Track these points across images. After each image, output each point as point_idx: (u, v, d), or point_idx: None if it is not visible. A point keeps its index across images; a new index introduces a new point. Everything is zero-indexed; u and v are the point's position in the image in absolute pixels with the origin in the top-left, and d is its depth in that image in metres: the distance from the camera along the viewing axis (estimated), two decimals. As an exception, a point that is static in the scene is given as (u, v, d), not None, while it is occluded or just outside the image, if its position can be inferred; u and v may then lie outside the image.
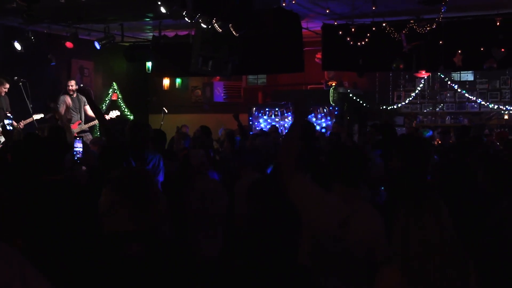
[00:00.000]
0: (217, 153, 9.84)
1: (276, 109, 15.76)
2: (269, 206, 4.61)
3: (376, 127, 11.51)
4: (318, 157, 7.15)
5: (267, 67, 13.68)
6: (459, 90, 16.15)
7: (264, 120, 15.74)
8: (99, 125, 7.86)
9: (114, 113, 12.85)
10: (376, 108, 16.60)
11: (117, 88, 17.47)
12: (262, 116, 15.88)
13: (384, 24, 12.89)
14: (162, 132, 8.66)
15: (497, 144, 11.18)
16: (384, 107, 16.68)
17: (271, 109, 15.83)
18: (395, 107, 16.77)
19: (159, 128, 9.42)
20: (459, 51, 12.70)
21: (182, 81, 18.73)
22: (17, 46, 12.12)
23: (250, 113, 16.12)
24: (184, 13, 9.13)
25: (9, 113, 11.46)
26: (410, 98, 16.69)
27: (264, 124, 15.62)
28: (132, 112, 17.58)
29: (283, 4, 11.01)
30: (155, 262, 3.69)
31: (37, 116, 12.11)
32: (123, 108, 17.43)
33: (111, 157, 5.71)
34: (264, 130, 14.33)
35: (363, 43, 13.08)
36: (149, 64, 16.31)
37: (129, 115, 17.48)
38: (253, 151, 7.31)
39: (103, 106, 16.82)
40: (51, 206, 4.34)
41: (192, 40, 11.83)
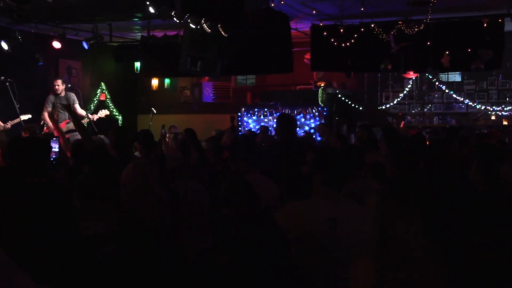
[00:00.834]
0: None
1: (265, 109, 15.77)
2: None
3: (365, 127, 11.55)
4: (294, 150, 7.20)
5: (256, 67, 13.67)
6: (446, 90, 16.24)
7: (253, 121, 15.74)
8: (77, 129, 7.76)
9: (103, 112, 12.80)
10: (365, 109, 16.65)
11: (105, 88, 17.41)
12: (251, 117, 15.88)
13: (372, 25, 12.93)
14: (150, 133, 8.65)
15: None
16: (373, 107, 16.72)
17: (260, 110, 15.82)
18: (384, 107, 16.82)
19: (147, 129, 9.39)
20: (447, 52, 12.77)
21: (171, 82, 18.71)
22: (4, 46, 12.04)
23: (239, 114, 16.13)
24: (172, 13, 9.12)
25: None
26: (398, 99, 16.75)
27: (253, 125, 15.62)
28: (120, 113, 17.53)
29: (272, 5, 11.03)
30: (128, 263, 3.72)
31: (25, 117, 12.03)
32: (112, 108, 17.38)
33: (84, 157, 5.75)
34: (252, 130, 14.34)
35: (351, 43, 13.12)
36: (137, 64, 16.25)
37: (117, 115, 17.43)
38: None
39: (91, 106, 16.78)
40: (32, 209, 4.33)
41: (181, 40, 11.82)
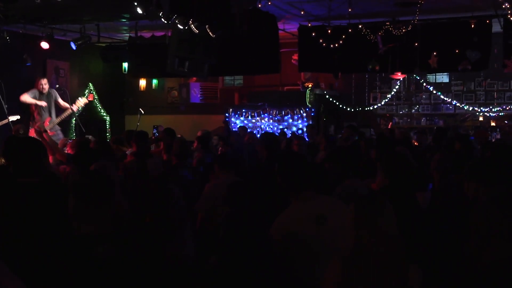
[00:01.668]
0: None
1: (252, 110, 15.78)
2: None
3: (352, 128, 11.60)
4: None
5: (244, 68, 13.65)
6: (434, 91, 16.29)
7: (241, 121, 15.74)
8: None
9: (82, 101, 12.77)
10: (352, 110, 16.68)
11: (93, 88, 17.35)
12: (239, 117, 15.88)
13: (360, 26, 12.95)
14: (144, 133, 8.72)
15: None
16: (360, 108, 16.76)
17: (248, 110, 15.83)
18: (371, 108, 16.86)
19: (141, 130, 9.41)
20: (434, 53, 12.80)
21: (159, 82, 18.68)
22: (-8, 46, 12.00)
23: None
24: (160, 14, 9.10)
25: None
26: (386, 100, 16.79)
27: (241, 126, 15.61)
28: (108, 113, 17.48)
29: (260, 6, 11.03)
30: (122, 263, 3.73)
31: (13, 118, 12.00)
32: (99, 109, 17.34)
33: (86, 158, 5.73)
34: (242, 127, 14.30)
35: (339, 44, 13.13)
36: (125, 65, 16.22)
37: (105, 116, 17.38)
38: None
39: (80, 107, 16.71)
40: (24, 209, 4.31)
41: (168, 41, 11.80)
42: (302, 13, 12.34)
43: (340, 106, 16.58)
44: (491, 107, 15.71)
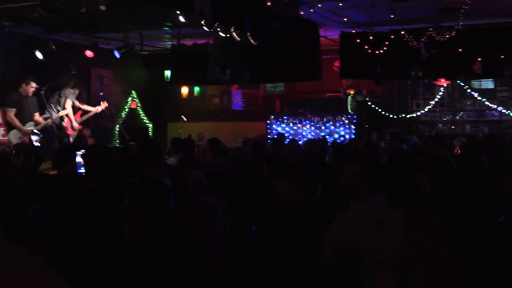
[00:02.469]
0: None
1: (294, 117, 15.75)
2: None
3: (395, 135, 11.46)
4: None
5: (285, 75, 13.68)
6: (479, 98, 16.03)
7: (282, 128, 15.71)
8: None
9: (102, 105, 13.07)
10: (395, 116, 16.52)
11: (136, 96, 17.55)
12: (280, 124, 15.87)
13: (402, 32, 12.84)
14: (191, 141, 8.74)
15: None
16: (403, 115, 16.60)
17: (289, 117, 15.81)
18: (414, 115, 16.69)
19: (188, 137, 9.50)
20: (479, 59, 12.63)
21: (201, 89, 18.81)
22: (38, 55, 12.16)
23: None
24: (202, 22, 9.18)
25: (36, 129, 11.49)
26: (429, 106, 16.60)
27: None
28: (151, 120, 17.68)
29: (301, 13, 11.03)
30: (170, 268, 3.74)
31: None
32: (142, 116, 17.54)
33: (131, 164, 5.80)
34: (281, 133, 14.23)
35: (381, 51, 13.03)
36: (167, 73, 16.37)
37: (148, 123, 17.59)
38: None
39: (123, 114, 16.92)
40: (81, 213, 4.42)
41: (210, 48, 11.88)
42: (345, 19, 12.29)
43: (383, 113, 16.44)
44: (537, 113, 15.43)
